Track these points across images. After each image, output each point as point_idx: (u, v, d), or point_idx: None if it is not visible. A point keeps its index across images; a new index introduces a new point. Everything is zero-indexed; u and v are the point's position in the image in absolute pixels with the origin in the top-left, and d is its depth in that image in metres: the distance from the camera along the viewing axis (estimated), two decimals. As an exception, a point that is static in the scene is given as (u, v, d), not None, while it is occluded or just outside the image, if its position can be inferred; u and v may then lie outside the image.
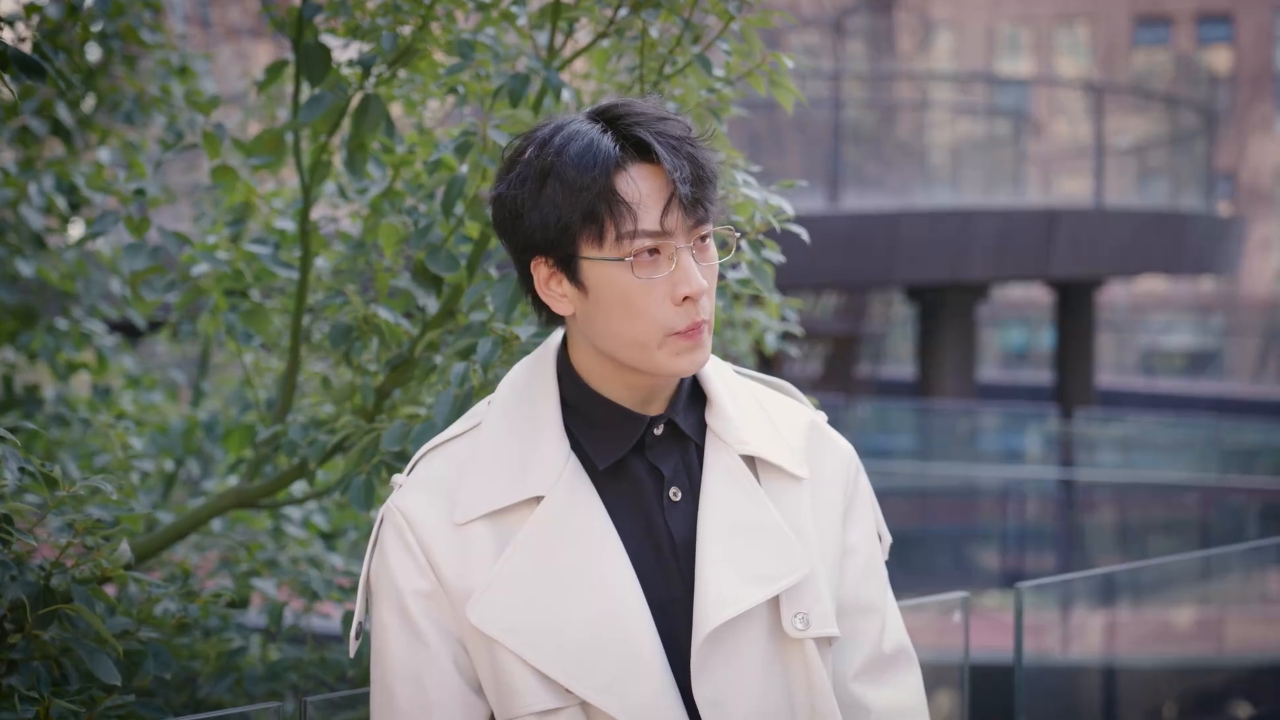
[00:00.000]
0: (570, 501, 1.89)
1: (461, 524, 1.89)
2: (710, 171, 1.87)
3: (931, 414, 16.07)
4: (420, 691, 1.89)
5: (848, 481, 2.03)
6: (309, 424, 2.94)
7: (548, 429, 1.93)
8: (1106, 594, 6.84)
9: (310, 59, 2.93)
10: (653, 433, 1.94)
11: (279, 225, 3.34)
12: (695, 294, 1.84)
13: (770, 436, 1.97)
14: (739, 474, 1.94)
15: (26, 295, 4.49)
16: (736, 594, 1.87)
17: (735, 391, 2.00)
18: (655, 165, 1.85)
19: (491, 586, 1.87)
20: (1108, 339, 28.21)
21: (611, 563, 1.88)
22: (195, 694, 3.09)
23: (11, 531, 2.18)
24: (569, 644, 1.85)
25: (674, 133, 1.85)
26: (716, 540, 1.90)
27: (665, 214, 1.84)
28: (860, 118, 16.48)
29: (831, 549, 1.98)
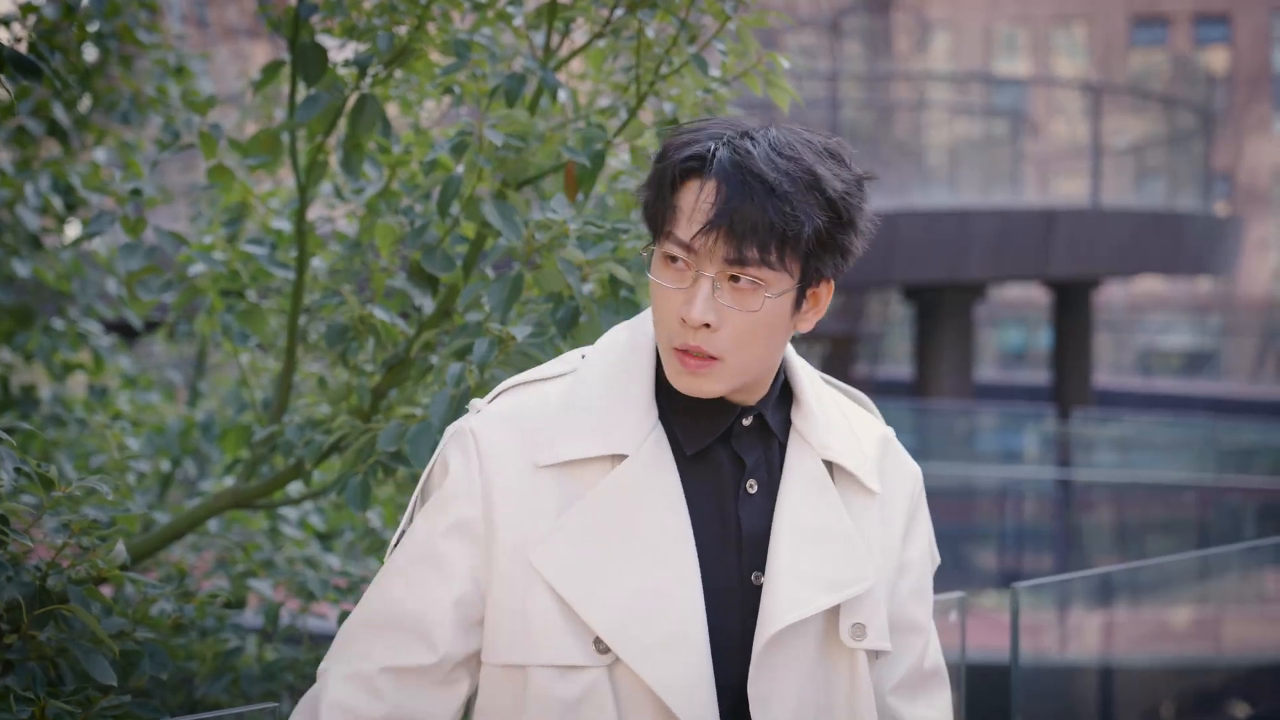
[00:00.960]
0: (651, 467, 1.91)
1: (543, 466, 1.91)
2: (783, 228, 1.81)
3: (929, 414, 16.08)
4: (413, 597, 1.90)
5: (912, 500, 2.05)
6: (305, 424, 2.93)
7: (640, 395, 1.94)
8: (1104, 594, 6.84)
9: (306, 59, 2.93)
10: (741, 423, 1.94)
11: (275, 225, 3.34)
12: (689, 321, 1.83)
13: (850, 446, 1.98)
14: (818, 476, 1.95)
15: (23, 295, 4.49)
16: (805, 597, 1.89)
17: (821, 396, 2.00)
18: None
19: (558, 532, 1.88)
20: (1105, 339, 28.22)
21: (676, 537, 1.89)
22: (192, 694, 3.09)
23: (7, 532, 2.17)
24: (620, 605, 1.86)
25: (767, 175, 1.81)
26: (790, 540, 1.91)
27: (700, 233, 1.82)
28: (857, 118, 16.48)
29: (891, 564, 2.00)
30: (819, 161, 1.85)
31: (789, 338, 1.93)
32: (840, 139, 1.93)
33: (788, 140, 1.85)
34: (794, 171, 1.82)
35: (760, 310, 1.84)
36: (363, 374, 2.94)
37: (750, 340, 1.86)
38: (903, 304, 19.83)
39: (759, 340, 1.86)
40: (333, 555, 3.79)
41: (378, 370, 2.92)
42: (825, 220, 1.83)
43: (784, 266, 1.83)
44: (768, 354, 1.89)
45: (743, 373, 1.88)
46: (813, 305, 1.92)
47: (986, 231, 14.47)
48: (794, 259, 1.84)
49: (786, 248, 1.82)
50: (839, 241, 1.86)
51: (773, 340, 1.88)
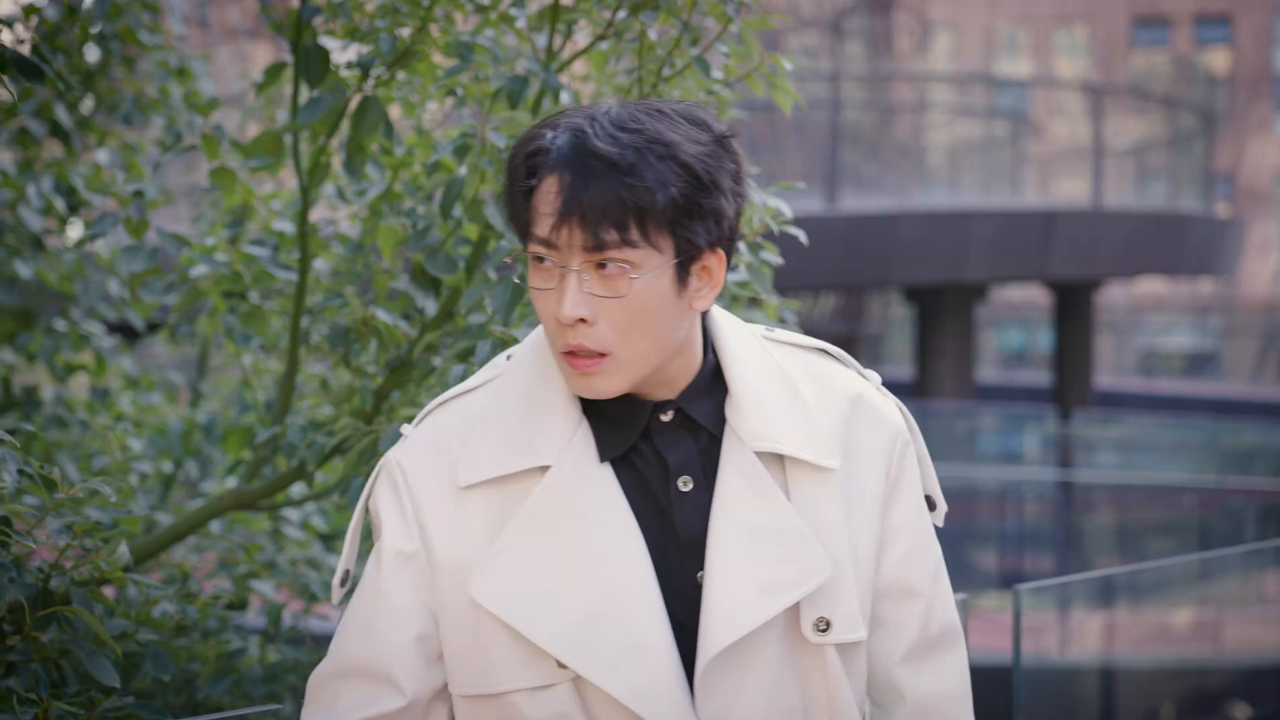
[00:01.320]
0: (578, 474, 1.82)
1: (464, 488, 1.84)
2: (634, 202, 1.71)
3: (929, 415, 16.08)
4: (371, 644, 1.85)
5: (892, 459, 1.90)
6: (308, 426, 2.94)
7: (558, 400, 1.85)
8: (1105, 595, 6.85)
9: (309, 61, 2.93)
10: (659, 419, 1.84)
11: (277, 227, 3.34)
12: (561, 319, 1.74)
13: (796, 425, 1.85)
14: (753, 472, 1.82)
15: (25, 297, 4.49)
16: (746, 609, 1.79)
17: (759, 374, 1.86)
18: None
19: (495, 559, 1.81)
20: (1106, 340, 28.23)
21: (620, 542, 1.80)
22: (194, 696, 3.09)
23: (10, 533, 2.18)
24: (572, 621, 1.79)
25: (607, 152, 1.72)
26: (727, 546, 1.81)
27: (554, 227, 1.74)
28: (858, 119, 16.49)
29: (866, 538, 1.88)
30: (669, 128, 1.75)
31: (686, 319, 1.81)
32: (699, 105, 1.84)
33: (630, 113, 1.76)
34: (638, 143, 1.73)
35: (631, 294, 1.74)
36: (365, 376, 2.94)
37: (634, 328, 1.76)
38: (903, 305, 19.84)
39: (644, 326, 1.76)
40: (335, 556, 3.80)
41: (380, 372, 2.92)
42: (683, 186, 1.73)
43: (649, 242, 1.73)
44: (661, 340, 1.78)
45: (638, 364, 1.78)
46: (706, 280, 1.80)
47: (987, 232, 14.47)
48: (658, 232, 1.73)
49: (646, 222, 1.72)
50: (704, 206, 1.75)
51: (662, 324, 1.77)
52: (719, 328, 1.88)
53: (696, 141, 1.75)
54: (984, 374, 23.26)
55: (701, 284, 1.80)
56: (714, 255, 1.79)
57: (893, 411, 1.92)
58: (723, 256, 1.80)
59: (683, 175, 1.73)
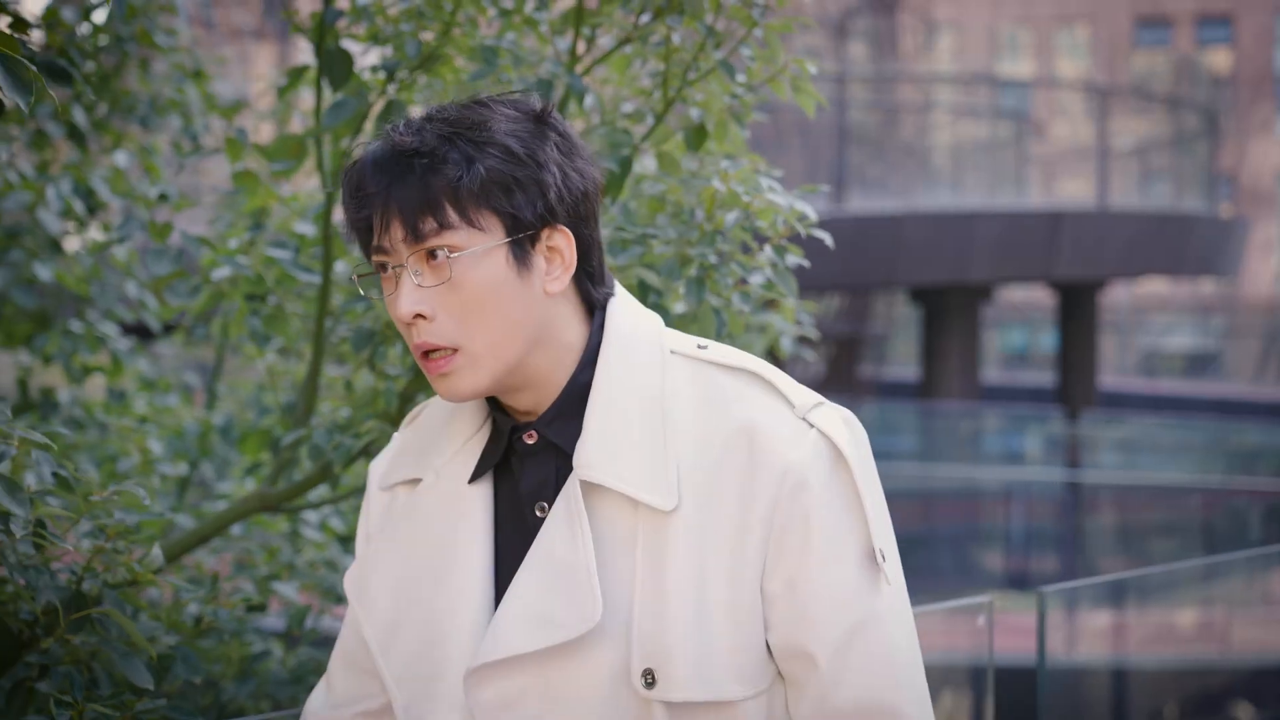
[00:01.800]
0: (445, 490, 1.82)
1: (382, 490, 1.90)
2: (440, 184, 1.69)
3: (935, 415, 16.09)
4: (341, 641, 1.93)
5: (774, 501, 1.69)
6: (332, 428, 2.94)
7: (468, 408, 1.85)
8: (1111, 596, 6.85)
9: (332, 64, 2.93)
10: (524, 441, 1.79)
11: (298, 229, 3.35)
12: (400, 318, 1.72)
13: (636, 456, 1.72)
14: (572, 502, 1.73)
15: (42, 299, 4.50)
16: (511, 637, 1.70)
17: (626, 396, 1.75)
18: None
19: (361, 560, 1.86)
20: (1109, 340, 28.24)
21: (463, 561, 1.78)
22: (219, 698, 3.10)
23: (45, 535, 2.19)
24: (403, 633, 1.79)
25: (409, 144, 1.71)
26: (524, 573, 1.73)
27: (380, 231, 1.72)
28: (863, 120, 16.49)
29: (723, 589, 1.69)
30: (479, 112, 1.74)
31: (541, 306, 1.75)
32: (526, 93, 1.82)
33: (441, 107, 1.76)
34: (442, 130, 1.72)
35: (460, 277, 1.70)
36: (389, 378, 2.94)
37: (473, 315, 1.71)
38: (908, 305, 19.85)
39: (484, 312, 1.71)
40: (352, 558, 3.80)
41: (404, 374, 2.93)
42: (493, 162, 1.70)
43: (469, 223, 1.70)
44: (510, 328, 1.72)
45: (491, 356, 1.72)
46: (555, 261, 1.75)
47: (992, 233, 14.49)
48: (478, 211, 1.70)
49: (461, 201, 1.69)
50: (520, 179, 1.71)
51: (506, 310, 1.72)
52: (611, 343, 1.79)
53: (509, 119, 1.74)
54: (987, 374, 23.29)
55: (551, 265, 1.75)
56: (559, 233, 1.75)
57: (792, 450, 1.70)
58: (570, 235, 1.75)
59: (493, 151, 1.70)
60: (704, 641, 1.68)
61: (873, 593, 1.71)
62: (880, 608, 1.71)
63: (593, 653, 1.70)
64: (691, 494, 1.71)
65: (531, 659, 1.71)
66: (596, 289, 1.81)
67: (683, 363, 1.79)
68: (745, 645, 1.70)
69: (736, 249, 2.75)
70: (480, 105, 1.75)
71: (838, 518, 1.71)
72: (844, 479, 1.72)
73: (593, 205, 1.80)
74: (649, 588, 1.69)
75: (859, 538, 1.72)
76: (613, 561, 1.71)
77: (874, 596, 1.71)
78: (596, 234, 1.81)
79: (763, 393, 1.76)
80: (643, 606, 1.69)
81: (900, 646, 1.73)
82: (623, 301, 1.83)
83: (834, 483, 1.71)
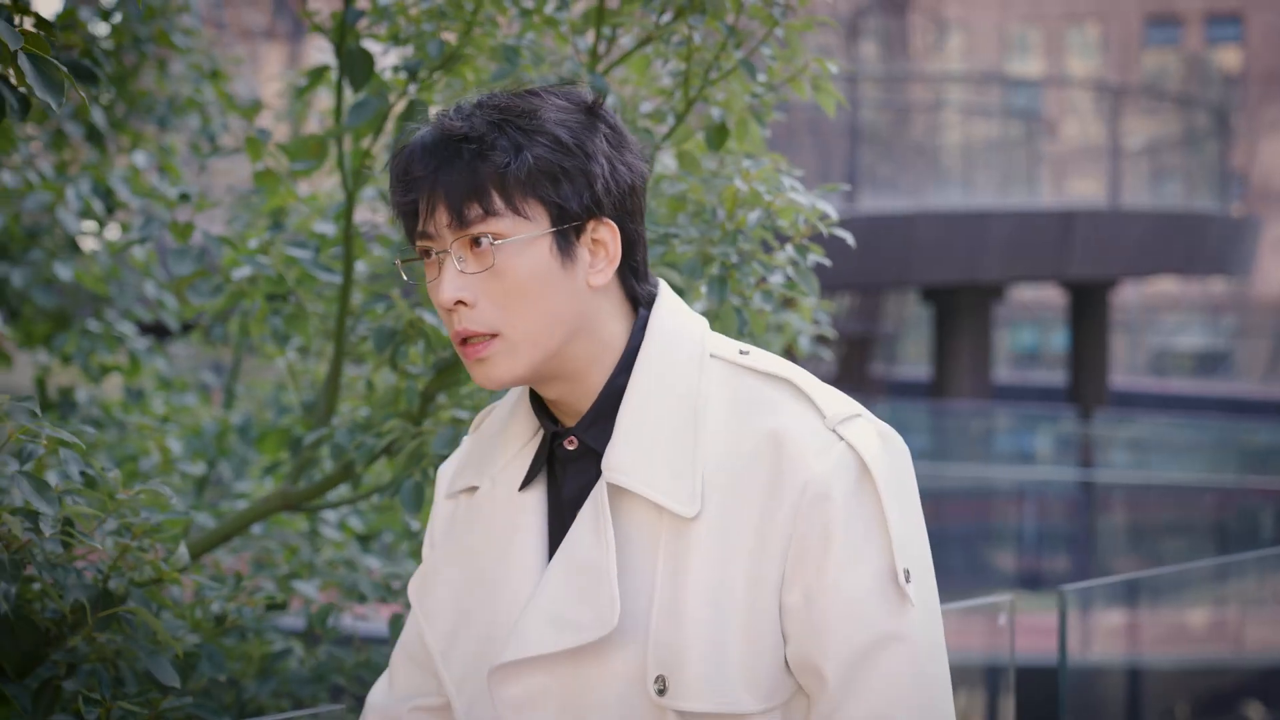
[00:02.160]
0: (500, 497, 1.81)
1: (447, 497, 1.90)
2: (486, 171, 1.68)
3: (946, 415, 16.08)
4: (403, 637, 1.94)
5: (795, 511, 1.66)
6: (353, 427, 2.95)
7: (521, 415, 1.84)
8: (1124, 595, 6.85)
9: (353, 64, 2.94)
10: (565, 447, 1.78)
11: (318, 229, 3.36)
12: (442, 303, 1.70)
13: (662, 461, 1.70)
14: (598, 505, 1.72)
15: (62, 298, 4.52)
16: (532, 636, 1.71)
17: (660, 400, 1.74)
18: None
19: (425, 566, 1.87)
20: (1119, 340, 28.21)
21: (519, 566, 1.77)
22: (240, 696, 3.10)
23: (72, 534, 2.20)
24: (462, 639, 1.80)
25: (459, 129, 1.70)
26: (551, 573, 1.73)
27: (426, 215, 1.71)
28: (874, 119, 16.49)
29: (741, 597, 1.67)
30: (530, 101, 1.72)
31: (584, 300, 1.73)
32: (577, 83, 1.81)
33: (492, 95, 1.74)
34: (493, 116, 1.70)
35: (504, 265, 1.69)
36: (410, 377, 2.95)
37: (515, 303, 1.69)
38: (920, 305, 19.85)
39: (527, 301, 1.69)
40: (372, 557, 3.81)
41: (425, 373, 2.93)
42: (542, 150, 1.68)
43: (514, 210, 1.68)
44: (551, 319, 1.71)
45: (530, 344, 1.71)
46: (599, 254, 1.74)
47: (1004, 232, 14.48)
48: (524, 200, 1.69)
49: (507, 188, 1.68)
50: (568, 169, 1.70)
51: (548, 300, 1.70)
52: (652, 345, 1.77)
53: (560, 110, 1.72)
54: (998, 374, 23.28)
55: (596, 258, 1.73)
56: (602, 225, 1.73)
57: (817, 460, 1.67)
58: (615, 228, 1.74)
59: (542, 140, 1.69)
60: (719, 651, 1.66)
61: (894, 613, 1.66)
62: (901, 629, 1.66)
63: (610, 656, 1.68)
64: (715, 501, 1.68)
65: (551, 660, 1.70)
66: (640, 285, 1.79)
67: (720, 367, 1.76)
68: (762, 657, 1.67)
69: (758, 248, 2.75)
70: (531, 94, 1.74)
71: (858, 532, 1.66)
72: (869, 494, 1.67)
73: (639, 200, 1.77)
74: (668, 593, 1.68)
75: (881, 555, 1.66)
76: (634, 565, 1.70)
77: (895, 618, 1.66)
78: (642, 229, 1.79)
79: (795, 401, 1.72)
80: (660, 612, 1.67)
81: (922, 672, 1.67)
82: (668, 301, 1.80)
83: (858, 497, 1.67)
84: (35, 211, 4.29)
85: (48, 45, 1.98)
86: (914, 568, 1.68)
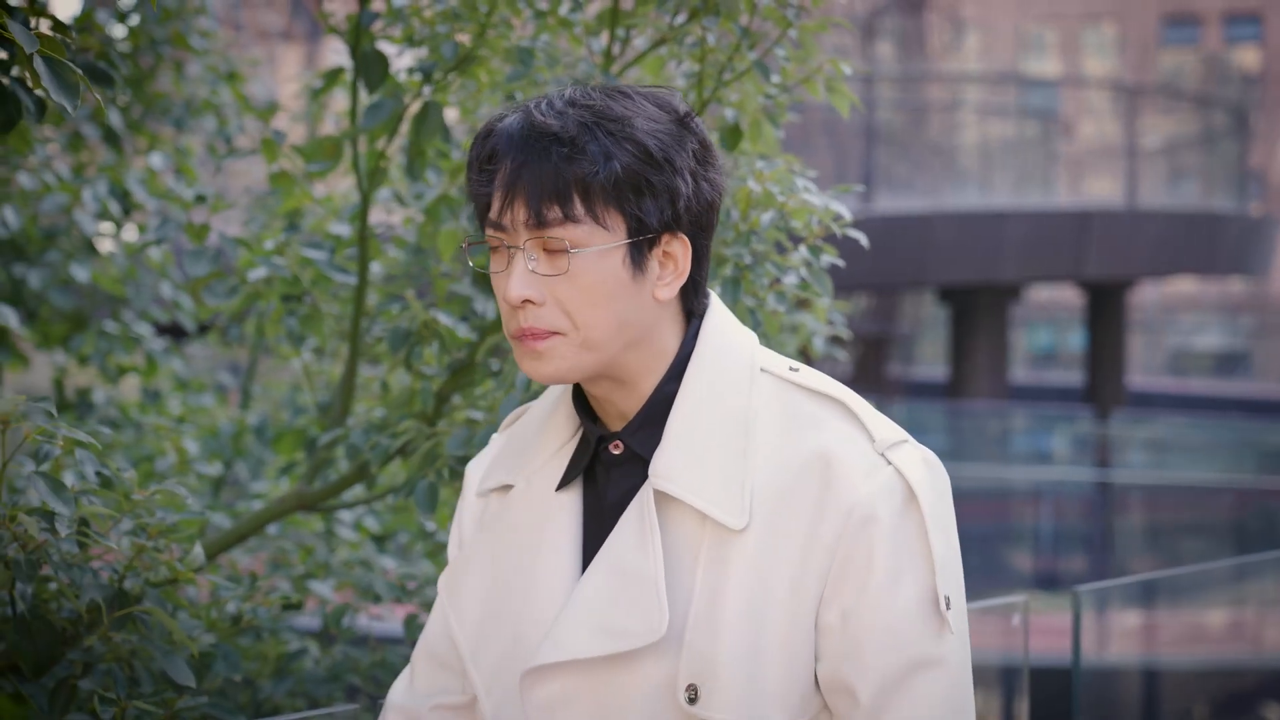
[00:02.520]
0: (535, 497, 1.81)
1: (478, 495, 1.89)
2: (572, 175, 1.66)
3: (962, 415, 16.06)
4: (425, 634, 1.93)
5: (840, 534, 1.66)
6: (368, 428, 2.96)
7: (561, 416, 1.84)
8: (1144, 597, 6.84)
9: (368, 66, 2.95)
10: (610, 451, 1.78)
11: (333, 230, 3.37)
12: (509, 300, 1.69)
13: (712, 472, 1.70)
14: (644, 510, 1.72)
15: (79, 300, 4.53)
16: (571, 640, 1.70)
17: (710, 410, 1.73)
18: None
19: (454, 564, 1.87)
20: (1137, 340, 28.15)
21: (552, 567, 1.77)
22: (256, 696, 3.11)
23: (88, 534, 2.21)
24: (492, 639, 1.79)
25: (552, 126, 1.67)
26: (591, 577, 1.72)
27: (501, 206, 1.70)
28: (891, 119, 16.48)
29: (782, 614, 1.67)
30: (624, 105, 1.70)
31: (648, 310, 1.73)
32: (668, 89, 1.77)
33: (585, 91, 1.71)
34: (585, 117, 1.67)
35: (577, 271, 1.67)
36: (425, 378, 2.96)
37: (583, 309, 1.68)
38: (936, 305, 19.83)
39: (595, 308, 1.68)
40: (388, 557, 3.82)
41: (440, 374, 2.94)
42: (630, 160, 1.66)
43: (594, 219, 1.67)
44: (615, 327, 1.70)
45: (589, 349, 1.70)
46: (670, 268, 1.73)
47: (1021, 232, 14.46)
48: (605, 209, 1.67)
49: (590, 196, 1.66)
50: (654, 183, 1.68)
51: (615, 309, 1.69)
52: (703, 355, 1.77)
53: (652, 119, 1.70)
54: (1015, 374, 23.25)
55: (664, 271, 1.73)
56: (676, 240, 1.72)
57: (864, 484, 1.67)
58: (687, 243, 1.73)
59: (631, 150, 1.67)
60: (753, 665, 1.66)
61: (933, 638, 1.67)
62: (940, 655, 1.67)
63: (644, 663, 1.68)
64: (762, 515, 1.68)
65: (587, 664, 1.70)
66: (696, 299, 1.79)
67: (771, 382, 1.76)
68: (795, 674, 1.67)
69: (771, 249, 2.76)
70: (625, 96, 1.72)
71: (902, 556, 1.67)
72: (914, 519, 1.68)
73: (714, 217, 1.77)
74: (705, 603, 1.68)
75: (922, 580, 1.67)
76: (674, 573, 1.70)
77: (934, 642, 1.66)
78: (710, 245, 1.78)
79: (844, 422, 1.72)
80: (696, 621, 1.67)
81: (955, 698, 1.67)
82: (719, 314, 1.80)
83: (903, 522, 1.67)
84: (52, 213, 4.31)
85: (63, 48, 1.99)
86: (953, 594, 1.69)
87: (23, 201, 4.33)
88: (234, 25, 16.02)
